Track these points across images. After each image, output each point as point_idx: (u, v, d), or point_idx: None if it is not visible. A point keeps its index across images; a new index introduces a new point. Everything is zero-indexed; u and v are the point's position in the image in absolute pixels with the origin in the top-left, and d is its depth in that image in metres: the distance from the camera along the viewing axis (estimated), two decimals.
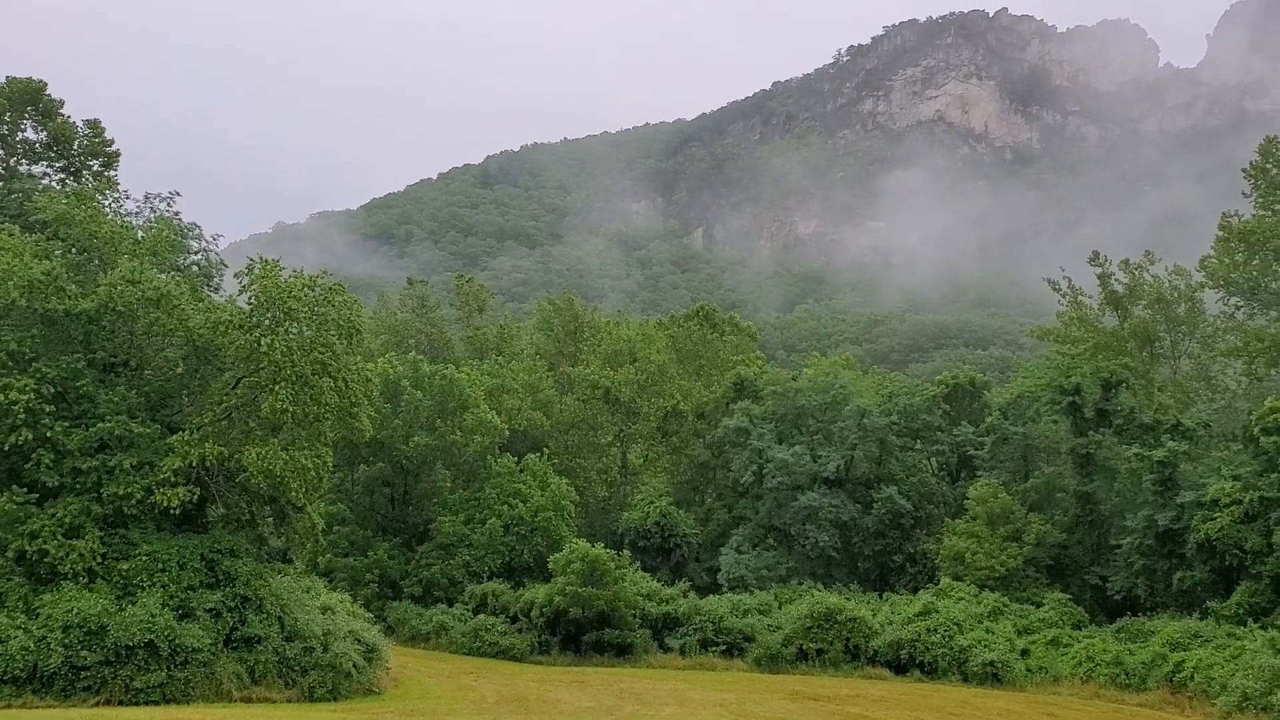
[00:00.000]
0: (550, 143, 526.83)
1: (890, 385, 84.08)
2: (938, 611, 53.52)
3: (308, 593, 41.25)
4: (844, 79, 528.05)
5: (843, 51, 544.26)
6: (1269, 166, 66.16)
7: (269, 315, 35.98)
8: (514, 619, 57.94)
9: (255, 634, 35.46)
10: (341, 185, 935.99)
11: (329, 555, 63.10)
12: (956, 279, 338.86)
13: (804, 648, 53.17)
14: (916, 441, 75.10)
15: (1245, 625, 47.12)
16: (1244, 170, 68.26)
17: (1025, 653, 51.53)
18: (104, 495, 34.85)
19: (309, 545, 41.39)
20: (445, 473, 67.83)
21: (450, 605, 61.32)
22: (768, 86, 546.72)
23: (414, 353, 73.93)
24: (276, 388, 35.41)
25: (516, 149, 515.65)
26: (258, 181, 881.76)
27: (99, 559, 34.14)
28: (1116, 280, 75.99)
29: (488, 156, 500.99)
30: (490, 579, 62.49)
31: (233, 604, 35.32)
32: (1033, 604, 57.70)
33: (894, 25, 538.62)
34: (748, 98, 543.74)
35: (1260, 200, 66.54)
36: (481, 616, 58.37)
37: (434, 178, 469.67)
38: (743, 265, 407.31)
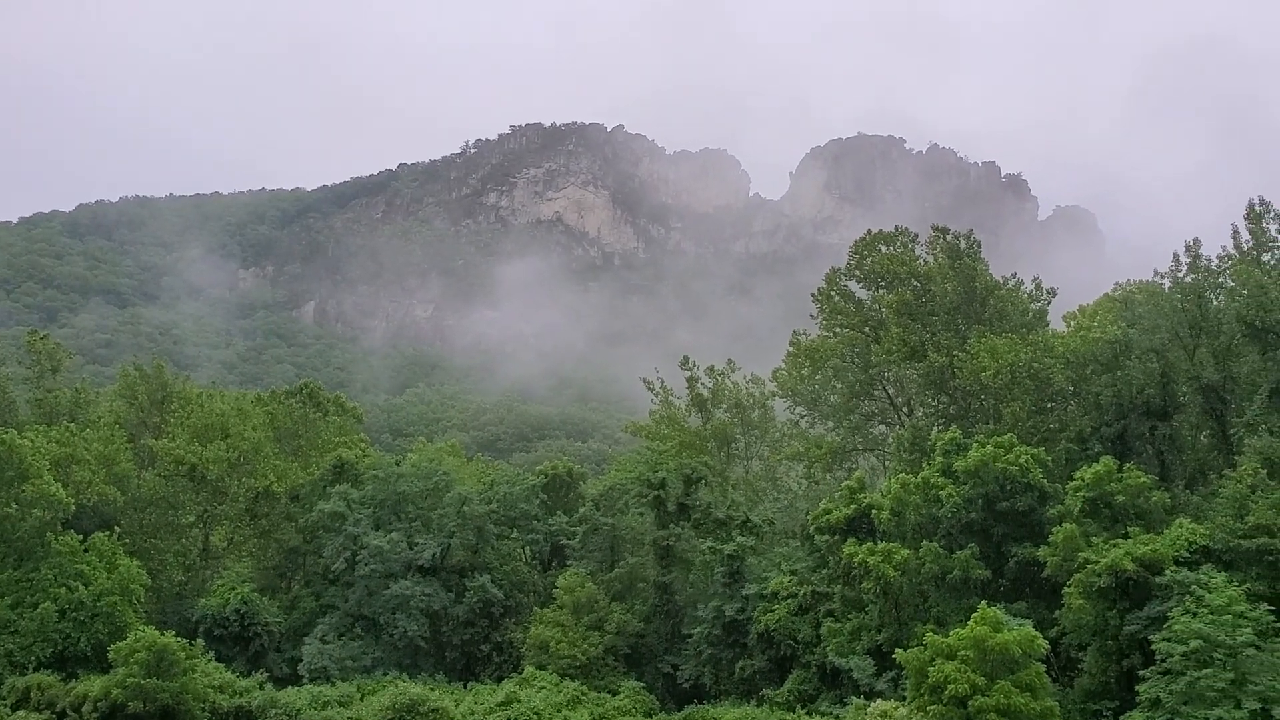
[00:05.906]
0: (155, 197, 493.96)
1: (493, 473, 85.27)
2: (519, 701, 54.47)
3: None
4: (470, 170, 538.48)
5: (470, 144, 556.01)
6: (832, 294, 74.59)
7: None
8: (62, 715, 53.00)
9: None
10: None
11: None
12: (562, 372, 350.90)
13: None
14: (513, 530, 76.27)
15: (794, 711, 51.73)
16: (812, 295, 76.57)
17: None
18: None
19: None
20: None
21: None
22: (393, 167, 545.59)
23: None
24: None
25: (115, 200, 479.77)
26: None
27: None
28: (703, 384, 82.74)
29: (80, 205, 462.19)
30: (37, 670, 56.88)
31: None
32: (610, 692, 59.89)
33: (521, 126, 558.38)
34: (372, 175, 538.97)
35: (824, 323, 74.80)
36: (22, 713, 52.82)
37: (14, 221, 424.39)
38: (354, 344, 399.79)
